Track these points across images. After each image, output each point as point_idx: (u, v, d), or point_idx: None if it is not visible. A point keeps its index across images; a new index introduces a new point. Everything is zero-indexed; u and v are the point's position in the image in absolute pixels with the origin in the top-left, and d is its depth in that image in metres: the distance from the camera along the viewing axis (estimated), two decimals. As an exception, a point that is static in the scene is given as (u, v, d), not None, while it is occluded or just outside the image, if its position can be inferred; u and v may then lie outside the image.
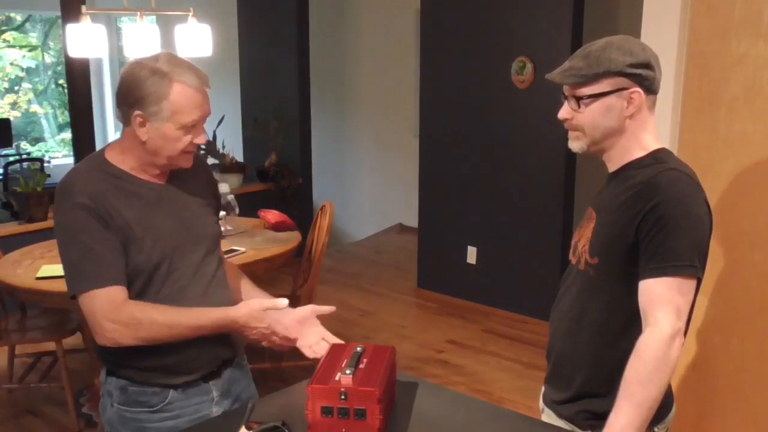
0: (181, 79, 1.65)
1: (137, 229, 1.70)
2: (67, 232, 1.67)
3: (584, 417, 1.68)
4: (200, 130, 1.72)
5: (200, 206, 1.86)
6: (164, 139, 1.68)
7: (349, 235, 7.54)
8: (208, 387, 1.83)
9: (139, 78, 1.65)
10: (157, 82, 1.64)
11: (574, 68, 1.58)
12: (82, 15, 3.42)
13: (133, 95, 1.65)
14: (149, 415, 1.76)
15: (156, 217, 1.74)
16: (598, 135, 1.61)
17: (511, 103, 4.73)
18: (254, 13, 6.42)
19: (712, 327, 2.42)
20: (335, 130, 7.61)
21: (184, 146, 1.70)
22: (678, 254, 1.49)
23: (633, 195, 1.55)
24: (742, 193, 2.33)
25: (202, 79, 1.69)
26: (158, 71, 1.64)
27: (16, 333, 3.64)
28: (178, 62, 1.68)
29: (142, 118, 1.66)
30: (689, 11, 2.40)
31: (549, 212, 4.68)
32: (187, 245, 1.77)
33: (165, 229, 1.74)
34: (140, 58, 1.70)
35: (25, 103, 10.72)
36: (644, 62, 1.55)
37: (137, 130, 1.67)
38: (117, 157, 1.75)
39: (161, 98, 1.64)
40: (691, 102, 2.42)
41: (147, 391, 1.77)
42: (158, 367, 1.76)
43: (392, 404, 1.69)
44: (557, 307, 1.76)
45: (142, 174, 1.75)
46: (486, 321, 4.91)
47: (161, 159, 1.72)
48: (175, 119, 1.66)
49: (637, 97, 1.56)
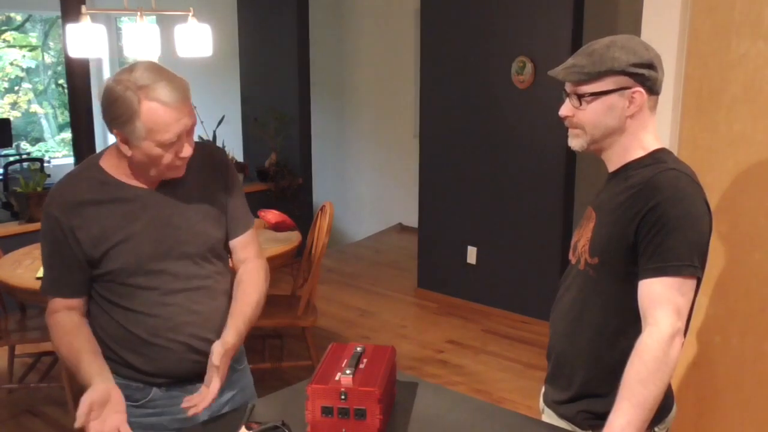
0: (152, 96, 1.58)
1: (115, 236, 1.70)
2: (40, 235, 1.77)
3: (584, 417, 1.68)
4: (182, 144, 1.66)
5: (196, 212, 1.80)
6: (147, 156, 1.65)
7: (349, 235, 7.54)
8: (194, 388, 1.77)
9: (111, 96, 1.61)
10: (127, 102, 1.58)
11: (577, 65, 1.57)
12: (82, 15, 3.42)
13: (108, 114, 1.63)
14: (132, 409, 1.73)
15: (137, 223, 1.72)
16: (598, 133, 1.61)
17: (511, 103, 4.73)
18: (254, 13, 6.42)
19: (712, 327, 2.42)
20: (335, 130, 7.61)
21: (168, 161, 1.66)
22: (677, 254, 1.48)
23: (632, 195, 1.55)
24: (742, 193, 2.33)
25: (180, 92, 1.61)
26: (130, 88, 1.58)
27: (16, 333, 3.64)
28: (153, 77, 1.60)
29: (121, 136, 1.64)
30: (689, 11, 2.40)
31: (549, 212, 4.68)
32: (171, 252, 1.74)
33: (145, 236, 1.72)
34: (119, 72, 1.66)
35: (25, 103, 10.73)
36: (647, 62, 1.55)
37: (120, 146, 1.67)
38: (112, 162, 1.74)
39: (133, 118, 1.59)
40: (691, 102, 2.42)
41: (131, 385, 1.77)
42: (138, 366, 1.76)
43: (392, 404, 1.69)
44: (557, 307, 1.76)
45: (133, 180, 1.74)
46: (486, 321, 4.91)
47: (148, 173, 1.71)
48: (152, 138, 1.61)
49: (639, 97, 1.56)
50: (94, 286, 1.76)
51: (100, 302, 1.76)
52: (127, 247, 1.70)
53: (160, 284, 1.74)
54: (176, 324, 1.75)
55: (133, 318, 1.74)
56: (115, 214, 1.71)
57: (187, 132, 1.66)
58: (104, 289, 1.74)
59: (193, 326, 1.76)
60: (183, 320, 1.75)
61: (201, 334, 1.77)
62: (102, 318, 1.77)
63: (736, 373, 2.41)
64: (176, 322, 1.75)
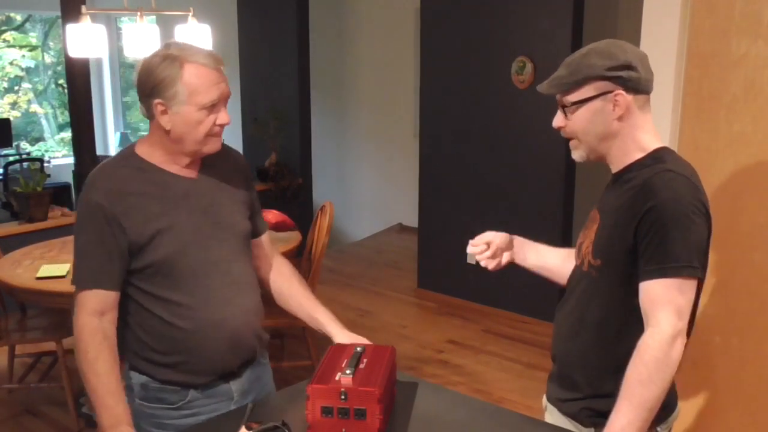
0: (192, 59, 1.65)
1: (158, 223, 1.69)
2: (77, 224, 1.72)
3: (587, 414, 1.68)
4: (222, 110, 1.71)
5: (231, 203, 1.84)
6: (187, 123, 1.67)
7: (349, 235, 7.54)
8: (228, 387, 1.82)
9: (151, 66, 1.66)
10: (168, 66, 1.64)
11: (558, 77, 1.62)
12: (82, 15, 3.42)
13: (148, 84, 1.66)
14: (168, 412, 1.76)
15: (181, 211, 1.73)
16: (591, 140, 1.63)
17: (511, 103, 4.73)
18: (254, 13, 6.42)
19: (712, 327, 2.42)
20: (335, 130, 7.61)
21: (207, 128, 1.70)
22: (676, 255, 1.49)
23: (631, 197, 1.56)
24: (742, 192, 2.33)
25: (215, 58, 1.69)
26: (168, 56, 1.65)
27: (16, 333, 3.64)
28: (188, 45, 1.69)
29: (163, 106, 1.66)
30: (689, 11, 2.40)
31: (549, 212, 4.68)
32: (211, 242, 1.76)
33: (189, 225, 1.73)
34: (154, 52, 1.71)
35: (25, 103, 10.72)
36: (624, 64, 1.56)
37: (160, 119, 1.68)
38: (146, 151, 1.75)
39: (175, 81, 1.64)
40: (691, 102, 2.42)
41: (167, 389, 1.77)
42: (176, 366, 1.76)
43: (392, 404, 1.69)
44: (562, 307, 1.77)
45: (171, 166, 1.75)
46: (486, 321, 4.91)
47: (188, 146, 1.71)
48: (193, 100, 1.66)
49: (621, 99, 1.57)
50: (134, 281, 1.73)
51: (140, 299, 1.74)
52: (171, 235, 1.70)
53: (204, 275, 1.74)
54: (222, 317, 1.76)
55: (177, 311, 1.73)
56: (157, 201, 1.71)
57: (223, 100, 1.71)
58: (147, 283, 1.72)
59: (235, 320, 1.78)
60: (228, 313, 1.77)
61: (241, 328, 1.80)
62: (141, 315, 1.74)
63: (736, 373, 2.41)
64: (222, 315, 1.76)
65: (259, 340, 1.88)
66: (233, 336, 1.78)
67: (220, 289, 1.76)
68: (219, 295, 1.76)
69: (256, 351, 1.89)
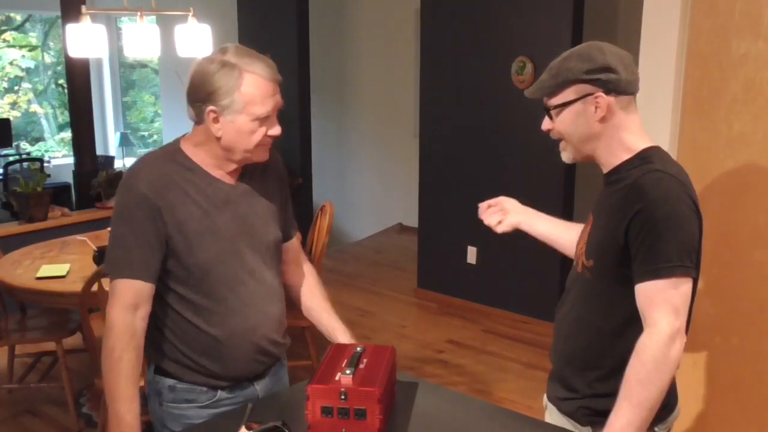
0: (251, 69, 1.62)
1: (198, 225, 1.68)
2: (117, 212, 1.69)
3: (585, 413, 1.68)
4: (274, 122, 1.69)
5: (266, 212, 1.82)
6: (239, 132, 1.65)
7: (349, 235, 7.54)
8: (254, 388, 1.84)
9: (209, 72, 1.62)
10: (227, 75, 1.61)
11: (541, 81, 1.64)
12: (82, 15, 3.42)
13: (204, 90, 1.63)
14: (198, 411, 1.76)
15: (219, 217, 1.71)
16: (576, 142, 1.65)
17: (511, 103, 4.73)
18: (254, 13, 6.42)
19: (712, 327, 2.42)
20: (335, 130, 7.61)
21: (259, 139, 1.67)
22: (668, 256, 1.49)
23: (621, 198, 1.57)
24: (742, 193, 2.33)
25: (273, 69, 1.66)
26: (227, 63, 1.62)
27: (16, 333, 3.64)
28: (247, 53, 1.65)
29: (216, 113, 1.64)
30: (689, 11, 2.40)
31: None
32: (246, 250, 1.75)
33: (226, 231, 1.71)
34: (209, 55, 1.68)
35: (25, 103, 10.73)
36: (602, 66, 1.57)
37: (211, 126, 1.65)
38: (190, 150, 1.72)
39: (232, 90, 1.61)
40: (691, 102, 2.42)
41: (195, 389, 1.77)
42: (205, 370, 1.76)
43: (392, 404, 1.69)
44: (560, 308, 1.78)
45: (216, 171, 1.73)
46: (486, 321, 4.91)
47: (237, 154, 1.69)
48: (248, 111, 1.63)
49: (602, 101, 1.58)
50: (169, 283, 1.70)
51: (171, 300, 1.72)
52: (210, 240, 1.69)
53: (237, 283, 1.73)
54: (253, 325, 1.76)
55: (209, 317, 1.72)
56: (199, 204, 1.69)
57: (276, 111, 1.69)
58: (179, 285, 1.70)
59: (264, 327, 1.79)
60: (258, 321, 1.77)
61: (270, 336, 1.81)
62: (172, 318, 1.73)
63: (736, 373, 2.41)
64: (253, 323, 1.76)
65: (283, 345, 1.90)
66: (262, 343, 1.79)
67: (251, 298, 1.76)
68: (250, 304, 1.76)
69: (280, 355, 1.91)
